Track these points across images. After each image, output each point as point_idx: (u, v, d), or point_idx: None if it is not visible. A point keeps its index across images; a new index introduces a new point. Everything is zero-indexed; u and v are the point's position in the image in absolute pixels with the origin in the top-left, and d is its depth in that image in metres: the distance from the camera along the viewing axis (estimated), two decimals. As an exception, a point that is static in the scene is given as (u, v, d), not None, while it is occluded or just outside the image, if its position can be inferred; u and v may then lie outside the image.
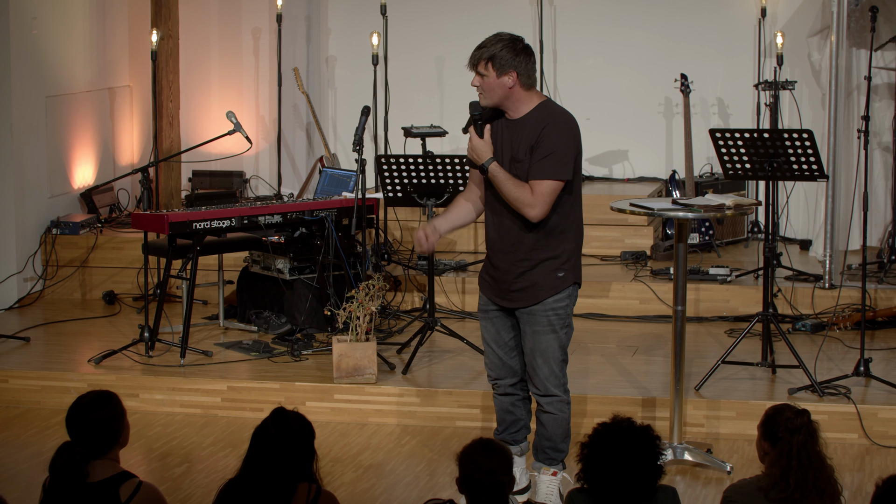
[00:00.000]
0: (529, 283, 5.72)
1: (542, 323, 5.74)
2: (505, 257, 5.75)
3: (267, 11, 10.69)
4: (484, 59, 5.64)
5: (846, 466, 6.42)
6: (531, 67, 5.69)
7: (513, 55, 5.62)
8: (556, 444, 5.91)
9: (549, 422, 5.87)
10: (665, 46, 10.45)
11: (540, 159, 5.59)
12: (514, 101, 5.69)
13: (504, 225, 5.73)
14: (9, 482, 6.30)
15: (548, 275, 5.70)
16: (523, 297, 5.75)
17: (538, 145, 5.59)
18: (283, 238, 8.25)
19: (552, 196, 5.60)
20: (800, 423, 4.48)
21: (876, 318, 8.22)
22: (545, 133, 5.60)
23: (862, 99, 8.61)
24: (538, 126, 5.62)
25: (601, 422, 4.27)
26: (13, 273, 9.19)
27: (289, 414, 4.36)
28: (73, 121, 9.91)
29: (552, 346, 5.76)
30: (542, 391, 5.83)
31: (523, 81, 5.66)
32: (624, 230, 9.50)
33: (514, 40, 5.68)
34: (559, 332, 5.76)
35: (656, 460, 4.18)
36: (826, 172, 7.49)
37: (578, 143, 5.70)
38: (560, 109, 5.74)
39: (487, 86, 5.66)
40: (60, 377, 7.55)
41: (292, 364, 7.67)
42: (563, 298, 5.74)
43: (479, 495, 4.17)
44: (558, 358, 5.80)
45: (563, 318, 5.76)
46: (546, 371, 5.79)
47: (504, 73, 5.63)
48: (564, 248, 5.72)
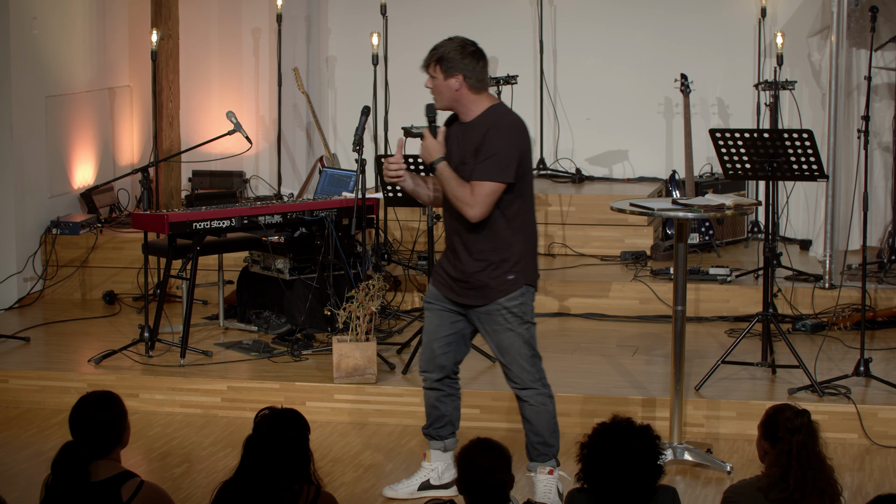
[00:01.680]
0: (481, 284, 5.76)
1: (499, 322, 5.78)
2: (457, 257, 5.81)
3: (267, 11, 10.69)
4: (433, 61, 5.75)
5: (846, 466, 6.42)
6: (480, 71, 5.75)
7: (460, 58, 5.70)
8: (545, 439, 5.92)
9: (533, 414, 5.89)
10: (665, 46, 10.45)
11: (482, 161, 5.63)
12: (463, 104, 5.76)
13: (455, 227, 5.79)
14: (9, 482, 6.30)
15: (498, 277, 5.74)
16: (477, 297, 5.79)
17: (482, 148, 5.65)
18: (283, 238, 8.25)
19: (492, 197, 5.63)
20: (800, 423, 4.48)
21: (876, 318, 8.22)
22: (489, 136, 5.65)
23: (862, 99, 8.61)
24: (484, 129, 5.68)
25: (601, 422, 4.27)
26: (13, 273, 9.19)
27: (278, 413, 4.33)
28: (73, 121, 9.91)
29: (514, 343, 5.79)
30: (520, 385, 5.87)
31: (471, 84, 5.72)
32: (624, 230, 9.50)
33: (465, 44, 5.76)
34: (518, 330, 5.78)
35: (656, 460, 4.18)
36: (826, 172, 7.49)
37: (524, 146, 5.73)
38: (507, 113, 5.78)
39: (436, 88, 5.77)
40: (60, 377, 7.55)
41: (292, 364, 7.67)
42: (515, 298, 5.76)
43: (481, 495, 4.17)
44: (525, 354, 5.81)
45: (519, 317, 5.78)
46: (517, 368, 5.83)
47: (451, 76, 5.71)
48: (514, 250, 5.74)
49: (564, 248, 9.58)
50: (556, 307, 8.76)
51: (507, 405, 7.07)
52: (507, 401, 7.08)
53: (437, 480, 6.09)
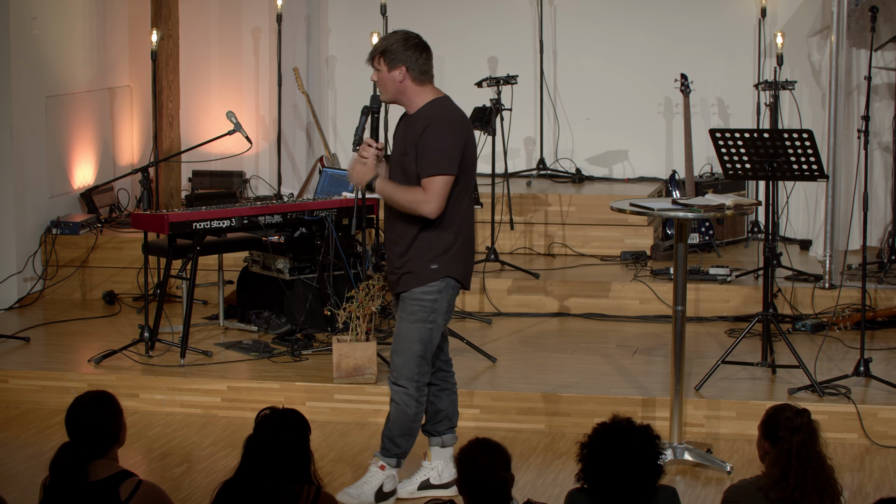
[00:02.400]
0: (405, 272, 5.82)
1: (407, 311, 5.82)
2: (391, 247, 5.89)
3: (267, 11, 10.69)
4: (377, 53, 5.81)
5: (846, 466, 6.42)
6: (424, 63, 5.78)
7: (402, 49, 5.75)
8: (393, 438, 5.96)
9: (393, 412, 5.93)
10: (665, 46, 10.45)
11: (428, 155, 5.68)
12: (406, 95, 5.81)
13: (391, 216, 5.86)
14: (9, 482, 6.30)
15: (421, 265, 5.78)
16: (399, 284, 5.86)
17: (425, 142, 5.69)
18: (283, 238, 8.25)
19: (445, 190, 5.68)
20: (800, 422, 4.48)
21: (876, 318, 8.22)
22: (432, 130, 5.69)
23: (862, 99, 8.61)
24: (426, 121, 5.72)
25: (601, 422, 4.27)
26: (13, 273, 9.19)
27: (279, 413, 4.33)
28: (73, 121, 9.91)
29: (411, 335, 5.82)
30: (393, 378, 5.90)
31: (414, 76, 5.76)
32: (624, 230, 9.50)
33: (408, 36, 5.81)
34: (421, 324, 5.81)
35: (656, 460, 4.18)
36: (826, 172, 7.49)
37: (467, 141, 5.77)
38: (450, 107, 5.82)
39: (381, 80, 5.83)
40: (60, 377, 7.55)
41: (292, 364, 7.67)
42: (431, 291, 5.79)
43: (482, 494, 4.16)
44: (415, 351, 5.83)
45: (427, 311, 5.80)
46: (400, 360, 5.86)
47: (394, 68, 5.76)
48: (442, 241, 5.77)
49: (564, 248, 9.59)
50: (556, 307, 8.77)
51: (507, 405, 7.08)
52: (507, 401, 7.08)
53: (437, 480, 6.09)
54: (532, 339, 8.23)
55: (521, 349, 7.98)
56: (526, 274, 8.91)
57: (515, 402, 7.08)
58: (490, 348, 7.82)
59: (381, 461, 5.99)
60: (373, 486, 5.95)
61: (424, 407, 5.99)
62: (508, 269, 9.02)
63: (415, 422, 5.94)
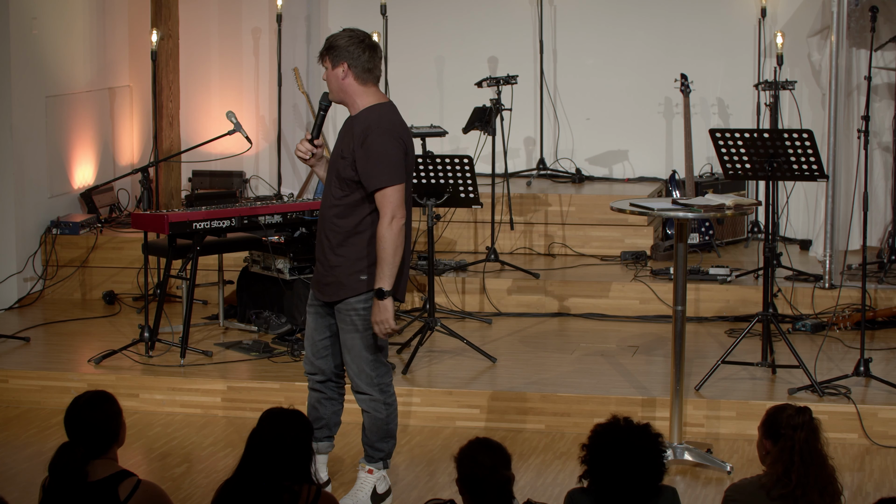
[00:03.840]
0: (334, 280, 5.74)
1: (346, 321, 5.77)
2: (321, 253, 5.82)
3: (267, 11, 10.69)
4: (323, 50, 5.70)
5: (846, 466, 6.42)
6: (367, 61, 5.65)
7: (346, 45, 5.62)
8: (373, 444, 5.93)
9: (366, 420, 5.91)
10: (665, 46, 10.45)
11: (374, 167, 5.55)
12: (349, 94, 5.67)
13: (323, 225, 5.78)
14: (9, 482, 6.30)
15: (350, 275, 5.71)
16: (329, 292, 5.78)
17: (365, 149, 5.56)
18: (283, 238, 8.25)
19: (400, 198, 5.56)
20: (802, 420, 4.48)
21: (876, 318, 8.22)
22: (373, 138, 5.56)
23: (862, 99, 8.61)
24: (364, 126, 5.60)
25: (601, 422, 4.27)
26: (13, 273, 9.19)
27: (284, 412, 4.34)
28: (73, 121, 9.91)
29: (356, 344, 5.77)
30: (355, 387, 5.86)
31: (356, 74, 5.64)
32: (624, 230, 9.50)
33: (355, 33, 5.69)
34: (362, 333, 5.74)
35: (661, 459, 4.18)
36: (826, 172, 7.49)
37: (407, 149, 5.66)
38: (391, 114, 5.68)
39: (327, 78, 5.71)
40: (60, 377, 7.55)
41: (292, 364, 7.67)
42: (364, 301, 5.71)
43: (484, 493, 4.17)
44: (366, 357, 5.77)
45: (364, 320, 5.73)
46: (355, 369, 5.82)
47: (337, 65, 5.64)
48: (370, 252, 5.66)
49: (564, 248, 9.58)
50: (556, 307, 8.77)
51: (507, 405, 7.08)
52: (507, 401, 7.08)
53: None
54: (532, 339, 8.23)
55: (521, 349, 7.98)
56: (526, 274, 8.91)
57: (515, 402, 7.08)
58: (490, 348, 7.82)
59: (368, 466, 5.98)
60: (366, 491, 5.95)
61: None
62: (508, 269, 9.02)
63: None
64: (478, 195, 8.31)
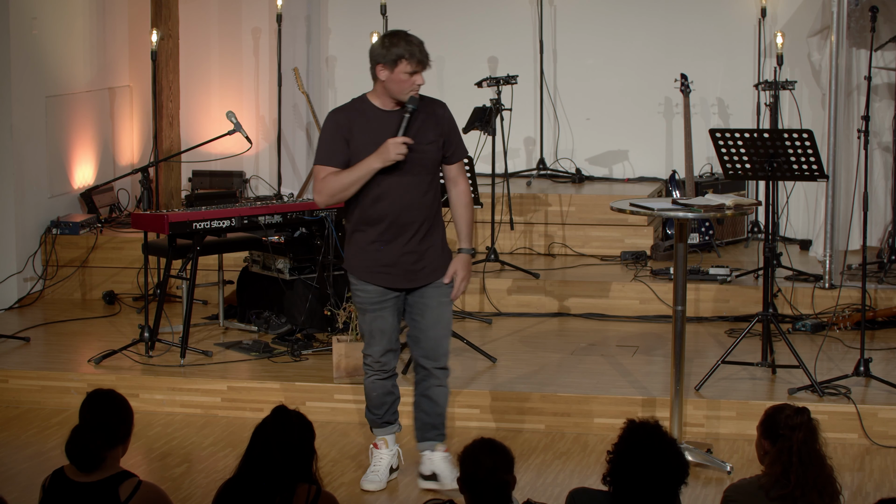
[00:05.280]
0: (430, 262, 6.03)
1: (439, 296, 6.06)
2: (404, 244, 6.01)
3: (267, 11, 10.69)
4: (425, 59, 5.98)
5: (846, 466, 6.42)
6: None
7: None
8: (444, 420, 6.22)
9: (441, 397, 6.17)
10: (665, 46, 10.45)
11: (462, 140, 6.09)
12: None
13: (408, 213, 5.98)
14: (9, 482, 6.30)
15: (444, 251, 6.10)
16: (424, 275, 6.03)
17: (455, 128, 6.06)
18: (283, 238, 8.25)
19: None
20: (800, 420, 4.48)
21: (876, 318, 8.22)
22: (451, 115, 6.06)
23: (862, 99, 8.61)
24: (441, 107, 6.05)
25: (630, 422, 4.19)
26: (13, 273, 9.19)
27: (290, 413, 4.36)
28: (73, 121, 9.91)
29: (449, 318, 6.10)
30: (441, 364, 6.11)
31: None
32: (624, 230, 9.50)
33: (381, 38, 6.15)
34: (450, 305, 6.05)
35: (686, 466, 4.13)
36: (826, 172, 7.49)
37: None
38: None
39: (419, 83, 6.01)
40: (60, 377, 7.55)
41: (292, 364, 7.68)
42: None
43: (483, 494, 4.17)
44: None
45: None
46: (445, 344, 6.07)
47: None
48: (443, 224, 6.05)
49: (564, 248, 9.59)
50: (556, 307, 8.77)
51: (507, 405, 7.07)
52: (507, 401, 7.08)
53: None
54: (532, 339, 8.23)
55: (521, 349, 7.98)
56: (526, 274, 8.91)
57: (515, 402, 7.08)
58: (490, 348, 7.82)
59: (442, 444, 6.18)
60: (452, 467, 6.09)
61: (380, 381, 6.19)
62: (508, 269, 9.02)
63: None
64: (478, 195, 8.33)
